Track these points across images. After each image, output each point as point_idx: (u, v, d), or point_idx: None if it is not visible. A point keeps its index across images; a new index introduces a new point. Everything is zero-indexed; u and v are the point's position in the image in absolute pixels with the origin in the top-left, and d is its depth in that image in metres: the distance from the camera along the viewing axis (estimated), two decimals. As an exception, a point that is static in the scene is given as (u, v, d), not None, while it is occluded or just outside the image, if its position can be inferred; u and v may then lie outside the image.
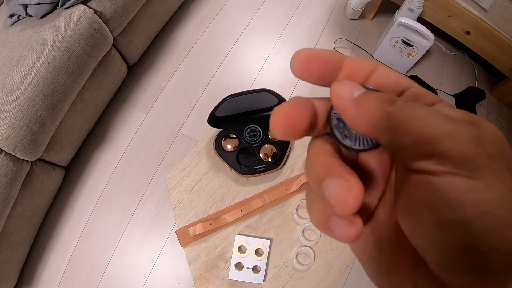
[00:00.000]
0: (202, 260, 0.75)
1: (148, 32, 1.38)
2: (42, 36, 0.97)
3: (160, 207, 1.27)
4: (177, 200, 0.78)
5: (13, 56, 0.96)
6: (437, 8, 1.35)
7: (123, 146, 1.34)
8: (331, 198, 0.12)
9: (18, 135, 0.94)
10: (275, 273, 0.74)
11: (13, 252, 1.07)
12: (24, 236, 1.12)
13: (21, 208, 1.06)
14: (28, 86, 0.94)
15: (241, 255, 0.74)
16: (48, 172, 1.14)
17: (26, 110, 0.94)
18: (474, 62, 1.58)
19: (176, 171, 0.79)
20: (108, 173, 1.30)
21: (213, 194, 0.77)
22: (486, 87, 1.53)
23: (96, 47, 1.07)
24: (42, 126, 0.99)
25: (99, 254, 1.22)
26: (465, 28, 1.35)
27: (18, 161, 0.98)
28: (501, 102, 1.54)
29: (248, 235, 0.75)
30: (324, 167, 0.13)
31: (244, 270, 0.73)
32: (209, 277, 0.74)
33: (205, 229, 0.74)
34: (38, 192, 1.11)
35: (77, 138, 1.23)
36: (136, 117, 1.38)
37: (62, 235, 1.23)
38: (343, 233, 0.13)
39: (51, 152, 1.11)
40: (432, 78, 1.54)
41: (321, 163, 0.14)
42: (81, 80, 1.08)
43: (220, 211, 0.76)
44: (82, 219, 1.25)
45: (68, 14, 1.00)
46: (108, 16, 1.08)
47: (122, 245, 1.23)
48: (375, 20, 1.62)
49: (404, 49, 1.40)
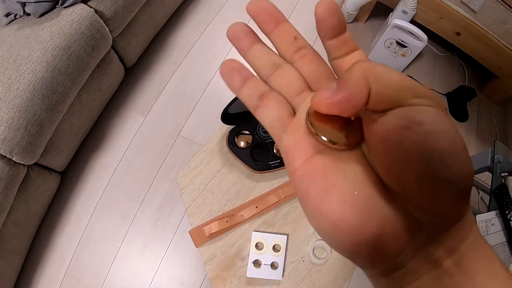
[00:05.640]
0: (219, 259, 0.73)
1: (146, 34, 1.36)
2: (41, 34, 0.94)
3: (162, 211, 1.23)
4: (190, 199, 0.76)
5: (10, 55, 0.92)
6: (428, 10, 1.40)
7: (121, 150, 1.30)
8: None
9: (15, 137, 0.90)
10: (293, 268, 0.73)
11: (8, 262, 1.01)
12: (19, 245, 1.06)
13: (16, 215, 1.00)
14: (26, 86, 0.90)
15: (259, 252, 0.72)
16: (44, 177, 1.10)
17: (24, 111, 0.90)
18: (464, 62, 1.64)
19: (188, 169, 0.77)
20: (106, 178, 1.26)
21: (227, 191, 0.76)
22: (475, 86, 1.59)
23: (96, 47, 1.05)
24: (40, 128, 0.95)
25: (98, 262, 1.17)
26: (456, 29, 1.40)
27: (15, 165, 0.94)
28: (490, 100, 1.61)
29: (265, 231, 0.74)
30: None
31: (262, 267, 0.72)
32: (226, 276, 0.72)
33: (221, 227, 0.72)
34: (34, 198, 1.06)
35: (74, 142, 1.19)
36: (134, 120, 1.35)
37: (58, 243, 1.17)
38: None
39: (47, 156, 1.06)
40: (424, 78, 1.59)
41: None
42: (81, 81, 1.05)
43: (236, 208, 0.74)
44: (80, 226, 1.20)
45: (68, 12, 0.97)
46: (108, 16, 1.06)
47: (122, 251, 1.18)
48: (368, 23, 1.67)
49: (398, 50, 1.44)
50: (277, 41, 0.20)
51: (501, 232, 0.84)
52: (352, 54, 0.19)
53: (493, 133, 1.55)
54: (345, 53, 0.19)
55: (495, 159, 0.91)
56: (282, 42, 0.20)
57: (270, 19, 0.20)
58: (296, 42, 0.20)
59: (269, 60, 0.20)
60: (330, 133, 0.17)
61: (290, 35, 0.20)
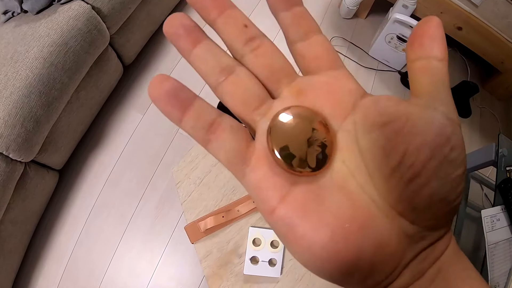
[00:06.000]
0: (215, 256, 0.71)
1: (144, 32, 1.36)
2: (38, 31, 0.93)
3: (160, 209, 1.22)
4: (186, 194, 0.75)
5: (7, 52, 0.92)
6: (429, 5, 1.39)
7: (120, 147, 1.30)
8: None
9: (12, 134, 0.89)
10: (291, 265, 0.71)
11: (6, 261, 1.01)
12: (17, 244, 1.05)
13: (14, 213, 1.00)
14: (23, 82, 0.90)
15: (256, 248, 0.71)
16: (42, 175, 1.09)
17: (20, 107, 0.90)
18: (466, 58, 1.62)
19: (184, 163, 0.76)
20: (105, 176, 1.25)
21: (223, 186, 0.75)
22: (478, 81, 1.57)
23: (93, 44, 1.04)
24: (36, 125, 0.95)
25: (97, 261, 1.16)
26: (457, 24, 1.38)
27: (11, 162, 0.93)
28: (493, 96, 1.58)
29: (262, 227, 0.72)
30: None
31: (260, 264, 0.70)
32: (223, 273, 0.71)
33: (217, 222, 0.71)
34: (31, 196, 1.06)
35: (72, 140, 1.19)
36: (133, 118, 1.34)
37: (57, 242, 1.16)
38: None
39: (45, 154, 1.06)
40: (426, 74, 1.57)
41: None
42: (78, 78, 1.05)
43: (232, 203, 0.73)
44: (78, 224, 1.19)
45: (65, 9, 0.97)
46: (105, 13, 1.06)
47: (120, 250, 1.17)
48: (368, 19, 1.65)
49: (399, 45, 1.43)
50: (223, 32, 0.17)
51: (507, 227, 0.82)
52: (315, 38, 0.17)
53: (496, 129, 1.53)
54: (304, 34, 0.16)
55: (499, 153, 0.89)
56: (229, 32, 0.17)
57: (213, 5, 0.16)
58: (247, 30, 0.16)
59: (217, 63, 0.16)
60: (297, 154, 0.15)
61: (238, 22, 0.17)
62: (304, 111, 0.16)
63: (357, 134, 0.15)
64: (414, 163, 0.13)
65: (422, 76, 0.15)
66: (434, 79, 0.15)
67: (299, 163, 0.15)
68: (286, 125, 0.15)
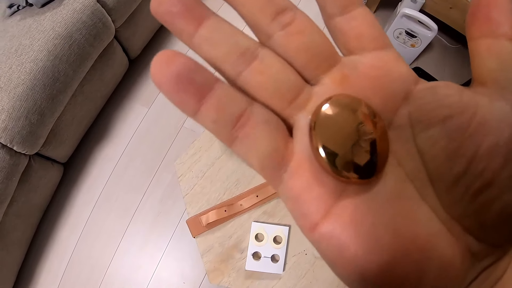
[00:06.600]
0: (216, 250, 0.70)
1: (150, 26, 1.35)
2: (43, 24, 0.93)
3: (164, 203, 1.22)
4: (188, 187, 0.74)
5: (12, 45, 0.92)
6: (438, 0, 1.35)
7: (124, 141, 1.30)
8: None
9: (16, 126, 0.89)
10: (294, 261, 0.70)
11: (9, 254, 1.01)
12: (21, 237, 1.06)
13: (17, 206, 1.00)
14: (27, 75, 0.90)
15: (258, 243, 0.70)
16: (47, 168, 1.09)
17: (25, 100, 0.90)
18: (476, 55, 1.58)
19: (186, 156, 0.75)
20: (109, 170, 1.25)
21: (226, 179, 0.74)
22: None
23: (98, 37, 1.04)
24: (41, 117, 0.95)
25: (100, 254, 1.16)
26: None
27: (16, 155, 0.93)
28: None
29: (265, 222, 0.71)
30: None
31: (262, 260, 0.69)
32: (224, 269, 0.70)
33: (219, 216, 0.70)
34: (36, 189, 1.06)
35: (77, 133, 1.19)
36: (138, 111, 1.34)
37: (60, 235, 1.17)
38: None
39: (49, 147, 1.06)
40: (434, 71, 1.54)
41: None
42: (82, 71, 1.05)
43: (235, 197, 0.72)
44: (82, 218, 1.19)
45: (70, 2, 0.97)
46: (110, 6, 1.05)
47: (124, 244, 1.17)
48: (377, 14, 1.62)
49: (408, 40, 1.40)
50: (243, 3, 0.13)
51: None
52: (358, 11, 0.13)
53: None
54: (343, 7, 0.13)
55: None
56: (251, 4, 0.13)
57: None
58: (274, 0, 0.13)
59: (233, 46, 0.12)
60: (348, 157, 0.12)
61: None
62: (355, 103, 0.13)
63: (413, 130, 0.13)
64: (484, 170, 0.11)
65: (489, 60, 0.12)
66: (504, 63, 0.12)
67: (350, 167, 0.12)
68: (334, 119, 0.12)
